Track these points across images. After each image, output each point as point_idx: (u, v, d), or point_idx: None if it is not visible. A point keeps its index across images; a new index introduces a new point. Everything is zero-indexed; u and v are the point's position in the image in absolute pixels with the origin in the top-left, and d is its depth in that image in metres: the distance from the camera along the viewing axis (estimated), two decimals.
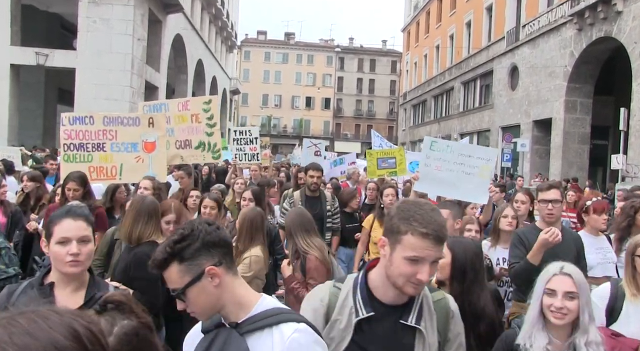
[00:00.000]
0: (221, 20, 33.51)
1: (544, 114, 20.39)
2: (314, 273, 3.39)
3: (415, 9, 41.35)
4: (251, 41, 61.93)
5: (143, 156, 5.56)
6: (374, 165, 8.78)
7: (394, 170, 8.67)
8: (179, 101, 6.90)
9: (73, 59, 17.05)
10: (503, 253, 3.79)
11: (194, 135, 6.58)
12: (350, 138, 60.21)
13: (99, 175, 5.50)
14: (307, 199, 5.50)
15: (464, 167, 4.67)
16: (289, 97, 61.29)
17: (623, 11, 15.63)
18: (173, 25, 22.23)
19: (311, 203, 5.42)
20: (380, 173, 8.69)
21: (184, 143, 6.60)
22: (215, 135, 6.62)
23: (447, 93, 33.32)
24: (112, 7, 16.91)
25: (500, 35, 24.69)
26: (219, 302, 1.51)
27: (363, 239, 5.57)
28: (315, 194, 5.58)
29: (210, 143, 6.57)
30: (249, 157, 8.79)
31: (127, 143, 5.54)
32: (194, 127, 6.58)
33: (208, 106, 6.62)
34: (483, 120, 26.67)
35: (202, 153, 6.60)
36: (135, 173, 5.36)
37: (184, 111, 6.63)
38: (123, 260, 3.25)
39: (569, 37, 18.62)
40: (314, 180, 5.55)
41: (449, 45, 32.78)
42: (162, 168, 5.64)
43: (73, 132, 5.49)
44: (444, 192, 4.74)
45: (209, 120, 6.58)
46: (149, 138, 5.56)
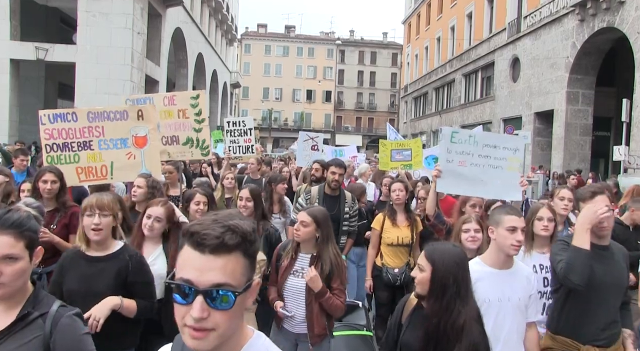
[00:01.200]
0: (221, 13, 33.37)
1: (545, 106, 20.32)
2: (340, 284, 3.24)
3: (415, 1, 41.11)
4: (251, 34, 61.68)
5: (134, 152, 5.14)
6: (387, 157, 8.26)
7: (409, 162, 8.14)
8: (165, 95, 6.48)
9: (73, 54, 17.01)
10: (540, 259, 3.32)
11: (182, 131, 6.22)
12: (352, 131, 60.14)
13: (88, 176, 5.08)
14: (326, 198, 5.04)
15: (490, 160, 4.14)
16: (290, 90, 61.15)
17: (626, 1, 15.52)
18: (173, 19, 22.14)
19: (330, 202, 4.96)
20: (393, 165, 8.20)
21: (171, 140, 6.24)
22: (204, 131, 6.26)
23: (448, 85, 33.20)
24: (111, 1, 16.84)
25: (501, 26, 24.55)
26: (233, 330, 1.14)
27: (374, 241, 4.99)
28: (335, 193, 5.10)
29: (198, 139, 6.22)
30: (243, 150, 8.27)
31: (116, 140, 5.12)
32: (181, 122, 6.21)
33: (196, 101, 6.23)
34: (484, 112, 26.59)
35: (190, 150, 6.24)
36: (127, 171, 5.01)
37: (170, 106, 6.24)
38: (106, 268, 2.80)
39: (571, 28, 18.51)
40: (336, 178, 5.08)
41: (449, 37, 32.62)
42: (156, 164, 5.24)
43: (55, 131, 5.05)
44: (470, 190, 4.21)
45: (197, 116, 6.20)
46: (139, 132, 5.15)
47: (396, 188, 4.93)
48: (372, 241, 5.00)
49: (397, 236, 4.78)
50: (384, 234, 4.85)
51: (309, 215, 3.22)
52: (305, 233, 3.21)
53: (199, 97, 6.27)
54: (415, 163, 8.12)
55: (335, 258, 3.22)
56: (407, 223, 4.86)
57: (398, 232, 4.80)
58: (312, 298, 3.15)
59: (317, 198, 5.04)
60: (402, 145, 8.31)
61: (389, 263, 4.81)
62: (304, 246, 3.30)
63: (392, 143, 8.50)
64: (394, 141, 8.86)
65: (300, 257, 3.30)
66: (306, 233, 3.21)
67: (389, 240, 4.80)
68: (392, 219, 4.86)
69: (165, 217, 3.33)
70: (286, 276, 3.27)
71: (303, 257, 3.30)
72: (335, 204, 4.99)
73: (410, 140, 8.88)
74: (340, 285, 3.22)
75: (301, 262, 3.29)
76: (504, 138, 4.77)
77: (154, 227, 3.29)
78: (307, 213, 3.24)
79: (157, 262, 3.25)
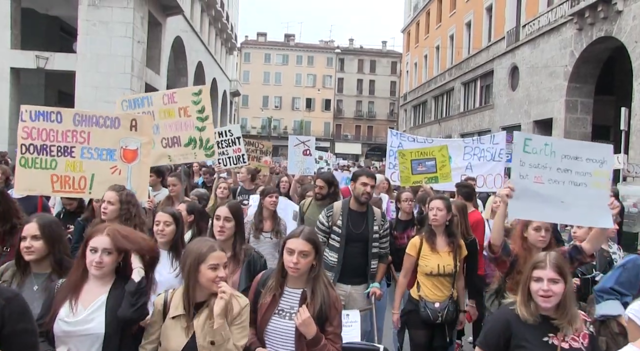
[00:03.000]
0: (221, 22, 33.54)
1: (544, 114, 20.36)
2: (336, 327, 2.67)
3: (415, 10, 41.34)
4: (251, 43, 61.98)
5: (121, 166, 4.50)
6: (408, 170, 6.88)
7: (433, 174, 6.75)
8: (164, 93, 5.86)
9: (73, 62, 17.06)
10: None
11: (183, 131, 5.61)
12: (351, 139, 60.24)
13: (63, 186, 4.46)
14: (351, 214, 4.28)
15: (572, 175, 3.32)
16: (289, 99, 61.31)
17: (623, 10, 15.61)
18: (173, 28, 22.24)
19: (356, 219, 4.27)
20: (416, 179, 6.82)
21: (172, 141, 5.63)
22: (207, 130, 5.64)
23: (447, 93, 33.28)
24: (111, 10, 16.92)
25: (500, 35, 24.66)
26: None
27: (407, 269, 4.21)
28: (362, 208, 4.31)
29: (202, 139, 5.60)
30: (233, 160, 7.80)
31: (102, 150, 4.50)
32: (182, 121, 5.61)
33: (198, 97, 5.63)
34: (483, 121, 26.63)
35: (193, 151, 5.62)
36: (108, 186, 4.20)
37: (170, 104, 5.65)
38: None
39: (569, 37, 18.59)
40: (367, 190, 4.24)
41: (449, 45, 32.76)
42: (143, 184, 4.58)
43: (35, 130, 4.43)
44: (549, 214, 3.34)
45: (200, 113, 5.60)
46: (129, 144, 4.52)
47: (435, 207, 4.10)
48: (405, 268, 4.22)
49: (438, 264, 4.02)
50: (421, 262, 4.09)
51: (309, 243, 2.57)
52: (305, 265, 2.57)
53: (202, 92, 5.69)
54: (442, 175, 6.75)
55: (328, 294, 2.60)
56: (449, 249, 4.09)
57: (438, 259, 4.03)
58: (302, 346, 2.54)
59: (341, 214, 4.28)
60: (424, 154, 6.89)
61: (428, 296, 4.03)
62: (294, 279, 2.63)
63: (411, 152, 7.01)
64: (413, 148, 7.35)
65: (287, 292, 2.64)
66: (306, 264, 2.57)
67: (427, 269, 4.04)
68: (430, 243, 4.08)
69: (114, 247, 2.48)
70: (268, 317, 2.61)
71: (291, 292, 2.63)
72: (362, 222, 4.28)
73: (434, 147, 7.18)
74: (337, 328, 2.64)
75: (289, 300, 2.62)
76: (587, 147, 3.63)
77: (103, 262, 2.45)
78: (307, 240, 2.57)
79: (97, 317, 2.41)
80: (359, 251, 4.22)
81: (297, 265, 2.54)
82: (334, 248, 4.25)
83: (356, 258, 4.21)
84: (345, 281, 4.19)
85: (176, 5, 20.59)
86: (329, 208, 4.45)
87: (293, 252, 2.55)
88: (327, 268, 3.95)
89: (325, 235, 4.27)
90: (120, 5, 16.91)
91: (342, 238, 4.21)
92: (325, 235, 4.28)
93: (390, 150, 7.78)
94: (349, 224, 4.19)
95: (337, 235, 4.23)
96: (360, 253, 4.22)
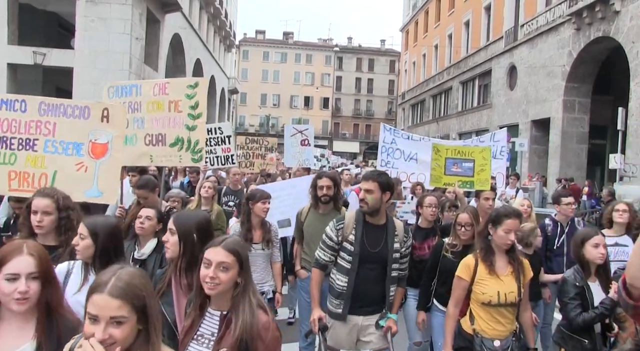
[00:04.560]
0: (219, 19, 33.48)
1: (542, 114, 20.42)
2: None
3: (413, 9, 41.34)
4: (250, 40, 61.88)
5: (87, 163, 3.89)
6: (441, 168, 5.82)
7: (469, 179, 5.75)
8: (156, 82, 5.01)
9: (71, 58, 17.01)
10: None
11: (170, 129, 4.79)
12: (349, 137, 60.26)
13: (21, 184, 3.87)
14: (368, 227, 3.39)
15: None
16: (288, 97, 61.28)
17: (621, 11, 15.65)
18: (171, 25, 22.19)
19: (372, 234, 3.38)
20: (448, 180, 5.78)
21: (156, 139, 4.82)
22: (198, 130, 4.80)
23: (445, 92, 33.33)
24: (110, 6, 16.87)
25: (498, 34, 24.70)
26: None
27: (458, 297, 3.29)
28: (381, 220, 3.42)
29: (190, 140, 4.77)
30: (221, 160, 7.33)
31: (68, 143, 3.90)
32: (171, 117, 4.78)
33: (193, 90, 4.80)
34: (481, 120, 26.68)
35: (179, 153, 4.79)
36: (72, 185, 3.64)
37: (160, 96, 4.84)
38: None
39: (567, 37, 18.64)
40: (361, 195, 3.44)
41: (447, 44, 32.78)
42: (112, 184, 3.96)
43: None
44: None
45: (193, 109, 4.78)
46: (99, 138, 3.91)
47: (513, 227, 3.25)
48: (456, 296, 3.30)
49: (498, 291, 3.13)
50: (476, 288, 3.19)
51: (231, 253, 2.06)
52: (228, 281, 2.04)
53: (198, 85, 4.85)
54: (479, 181, 5.68)
55: (253, 320, 2.02)
56: (509, 270, 3.20)
57: (499, 284, 3.15)
58: None
59: (354, 228, 3.39)
60: (462, 153, 5.90)
61: (485, 331, 3.17)
62: (216, 299, 2.11)
63: (447, 148, 5.97)
64: (451, 146, 6.39)
65: (209, 315, 2.14)
66: (228, 281, 2.04)
67: (485, 298, 3.16)
68: (488, 264, 3.19)
69: (41, 270, 1.90)
70: (186, 343, 2.15)
71: (213, 315, 2.14)
72: (380, 237, 3.39)
73: (476, 147, 6.25)
74: None
75: (209, 324, 2.14)
76: None
77: (26, 293, 1.84)
78: (228, 251, 2.06)
79: None
80: (375, 274, 3.36)
81: (214, 280, 2.00)
82: (343, 269, 3.38)
83: (371, 283, 3.35)
84: (355, 312, 3.36)
85: (175, 2, 20.55)
86: (340, 219, 3.52)
87: (210, 264, 2.02)
88: (334, 295, 3.40)
89: (333, 253, 3.45)
90: (119, 2, 16.87)
91: (354, 257, 3.33)
92: (333, 253, 3.46)
93: (383, 146, 7.31)
94: (364, 240, 3.34)
95: (349, 254, 3.35)
96: (377, 277, 3.37)
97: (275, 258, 4.46)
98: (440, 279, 3.97)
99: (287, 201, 5.29)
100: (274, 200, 4.79)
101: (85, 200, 3.79)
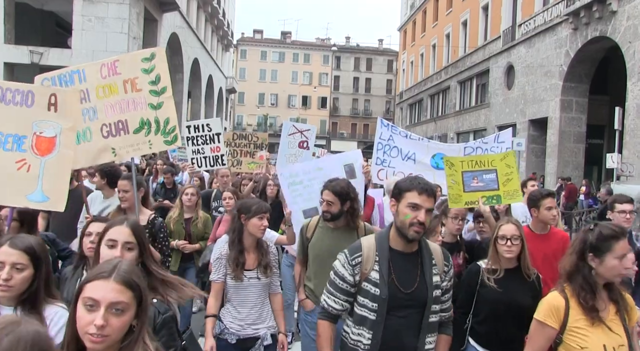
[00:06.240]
0: (217, 18, 33.45)
1: (539, 113, 20.45)
2: None
3: (411, 8, 41.36)
4: (247, 40, 61.86)
5: (31, 160, 3.18)
6: (459, 185, 4.55)
7: (494, 192, 4.57)
8: (102, 62, 4.01)
9: (68, 58, 16.98)
10: None
11: (131, 112, 3.90)
12: (347, 137, 60.28)
13: None
14: (395, 259, 2.38)
15: None
16: (286, 96, 61.27)
17: (618, 11, 15.69)
18: (169, 24, 22.17)
19: (402, 266, 2.38)
20: (470, 198, 4.48)
21: (116, 128, 3.92)
22: (166, 107, 3.92)
23: (443, 92, 33.35)
24: (107, 6, 16.86)
25: (496, 34, 24.73)
26: None
27: (540, 349, 2.36)
28: (412, 247, 2.40)
29: (158, 120, 3.89)
30: (210, 161, 6.59)
31: (7, 136, 3.18)
32: (129, 99, 3.90)
33: (150, 63, 3.92)
34: (479, 119, 26.71)
35: (147, 139, 3.89)
36: (11, 189, 3.07)
37: (111, 77, 3.92)
38: None
39: (565, 37, 18.67)
40: (420, 217, 2.29)
41: (445, 44, 32.81)
42: (59, 186, 3.20)
43: None
44: None
45: (154, 85, 3.91)
46: (45, 130, 3.21)
47: None
48: (536, 349, 2.35)
49: (604, 345, 2.20)
50: (570, 339, 2.25)
51: (128, 288, 1.54)
52: (122, 328, 1.51)
53: (155, 57, 3.97)
54: (507, 193, 4.57)
55: None
56: (612, 311, 2.28)
57: (604, 335, 2.22)
58: None
59: (377, 261, 2.36)
60: (481, 164, 4.70)
61: None
62: None
63: (462, 161, 4.75)
64: (465, 157, 5.32)
65: None
66: (122, 328, 1.51)
67: None
68: (586, 305, 2.23)
69: None
70: None
71: None
72: (413, 270, 2.38)
73: (496, 154, 5.03)
74: None
75: None
76: None
77: None
78: (124, 284, 1.53)
79: None
80: (409, 324, 2.35)
81: (103, 331, 1.45)
82: (365, 321, 2.35)
83: (403, 336, 2.34)
84: None
85: (172, 1, 20.54)
86: (354, 249, 2.42)
87: (97, 305, 1.47)
88: None
89: (348, 299, 2.43)
90: (116, 1, 16.87)
91: (381, 304, 2.31)
92: (347, 298, 2.41)
93: (379, 143, 6.44)
94: (392, 277, 2.32)
95: (372, 299, 2.34)
96: (411, 325, 2.35)
97: (274, 289, 3.39)
98: (479, 315, 3.07)
99: (312, 187, 4.28)
100: (297, 186, 4.27)
101: (28, 205, 3.13)
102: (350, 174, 4.18)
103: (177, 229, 5.09)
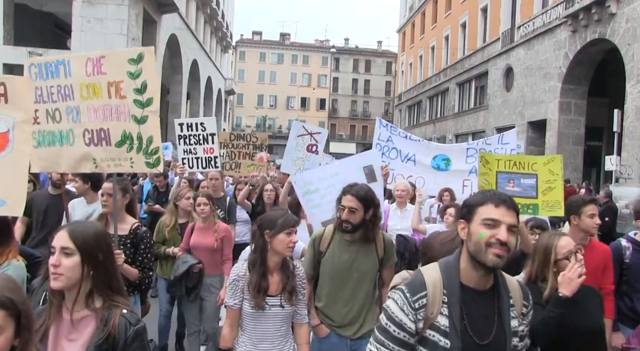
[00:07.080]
0: (216, 20, 33.45)
1: (538, 115, 20.47)
2: None
3: (410, 10, 41.40)
4: (246, 41, 61.91)
5: None
6: (493, 187, 3.89)
7: (532, 200, 3.94)
8: (88, 56, 3.45)
9: None
10: None
11: (114, 122, 3.38)
12: (345, 138, 60.31)
13: None
14: (468, 297, 1.76)
15: None
16: (284, 98, 61.31)
17: (616, 13, 15.72)
18: (168, 25, 22.16)
19: (476, 309, 1.77)
20: None
21: (98, 137, 3.44)
22: (150, 122, 3.33)
23: (442, 94, 33.37)
24: (106, 7, 16.85)
25: (495, 36, 24.76)
26: None
27: None
28: (487, 282, 1.81)
29: (141, 137, 3.34)
30: (202, 163, 6.23)
31: None
32: (113, 105, 3.37)
33: (137, 67, 3.29)
34: (478, 121, 26.73)
35: (129, 156, 3.39)
36: None
37: (96, 76, 3.38)
38: None
39: (564, 39, 18.70)
40: (502, 237, 1.68)
41: (444, 46, 32.84)
42: (17, 188, 2.87)
43: None
44: None
45: (139, 94, 3.29)
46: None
47: None
48: None
49: None
50: None
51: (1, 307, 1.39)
52: None
53: (142, 59, 3.31)
54: (547, 205, 3.95)
55: None
56: None
57: None
58: None
59: (445, 302, 1.75)
60: (521, 166, 4.06)
61: None
62: None
63: (500, 159, 4.11)
64: (502, 154, 4.77)
65: None
66: None
67: None
68: None
69: None
70: None
71: None
72: (489, 314, 1.80)
73: (540, 157, 4.27)
74: None
75: None
76: None
77: None
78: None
79: None
80: None
81: None
82: None
83: None
84: None
85: (171, 3, 20.54)
86: (417, 286, 1.78)
87: None
88: None
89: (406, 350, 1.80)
90: (115, 2, 16.85)
91: None
92: (403, 350, 1.77)
93: (378, 143, 6.14)
94: (464, 323, 1.74)
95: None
96: None
97: (300, 319, 2.83)
98: None
99: (330, 195, 3.74)
100: (313, 195, 3.84)
101: None
102: (370, 177, 3.79)
103: (173, 236, 4.75)
